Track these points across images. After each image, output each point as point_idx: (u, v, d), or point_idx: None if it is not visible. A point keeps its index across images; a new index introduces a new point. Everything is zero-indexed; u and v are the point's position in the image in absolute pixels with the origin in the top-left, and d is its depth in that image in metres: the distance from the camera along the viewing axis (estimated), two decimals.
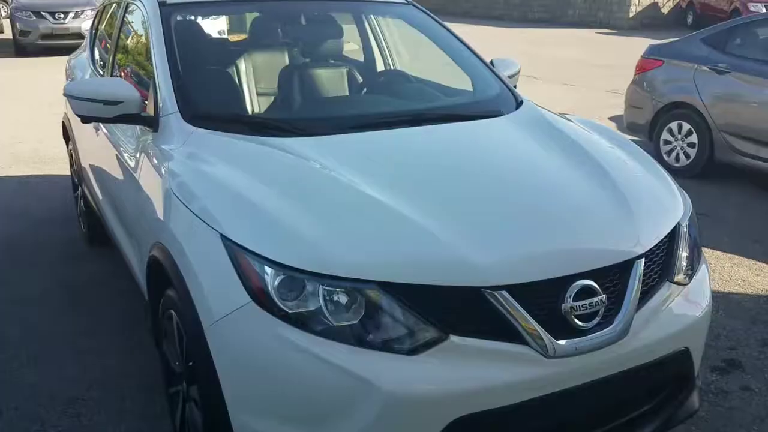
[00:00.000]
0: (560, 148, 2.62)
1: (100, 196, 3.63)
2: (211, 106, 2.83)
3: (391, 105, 3.13)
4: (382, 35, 3.75)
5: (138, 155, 2.77)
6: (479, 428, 1.92)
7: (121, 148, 3.04)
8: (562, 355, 1.94)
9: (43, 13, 14.18)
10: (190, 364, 2.22)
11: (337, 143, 2.55)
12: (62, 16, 14.28)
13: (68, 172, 5.06)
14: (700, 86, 6.10)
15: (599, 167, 2.48)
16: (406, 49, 3.80)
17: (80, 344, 3.36)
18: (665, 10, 23.26)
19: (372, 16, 3.72)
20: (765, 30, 6.17)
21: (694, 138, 6.17)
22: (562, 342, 1.95)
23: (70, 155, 4.71)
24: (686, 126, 6.23)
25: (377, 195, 2.15)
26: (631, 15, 23.06)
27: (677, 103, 6.30)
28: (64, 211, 5.13)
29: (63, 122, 4.68)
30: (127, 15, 3.51)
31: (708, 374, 3.17)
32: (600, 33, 21.26)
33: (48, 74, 10.71)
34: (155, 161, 2.59)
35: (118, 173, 3.06)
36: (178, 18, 3.01)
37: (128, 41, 3.47)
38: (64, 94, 2.71)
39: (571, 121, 3.01)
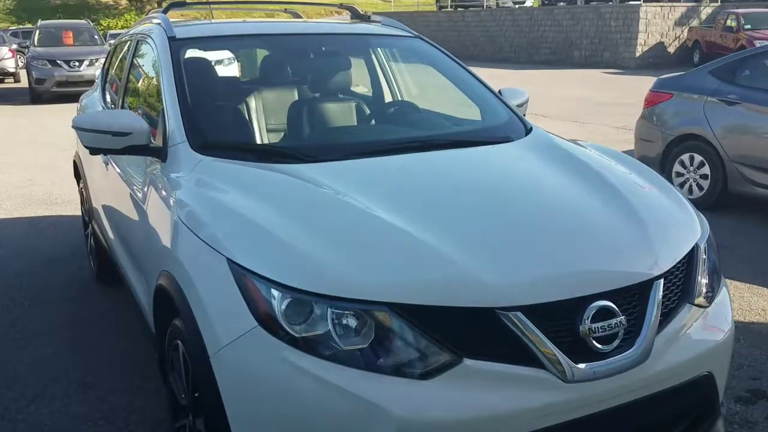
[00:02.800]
0: (573, 172, 2.58)
1: (110, 232, 3.62)
2: (220, 135, 2.83)
3: (400, 133, 3.12)
4: (390, 68, 3.77)
5: (146, 186, 2.76)
6: None
7: (130, 181, 3.04)
8: (581, 379, 1.87)
9: (58, 62, 14.54)
10: (196, 395, 2.16)
11: (346, 169, 2.53)
12: (77, 64, 14.63)
13: (79, 213, 5.07)
14: (710, 118, 6.08)
15: (614, 189, 2.44)
16: (414, 81, 3.81)
17: (87, 381, 3.31)
18: (671, 49, 23.47)
19: (380, 49, 3.74)
20: None
21: (706, 170, 6.12)
22: (582, 366, 1.88)
23: (81, 193, 4.73)
24: (698, 158, 6.19)
25: (386, 217, 2.12)
26: (637, 54, 23.29)
27: (688, 135, 6.27)
28: (74, 250, 5.13)
29: (74, 160, 4.71)
30: (137, 52, 3.55)
31: (732, 404, 3.06)
32: (607, 72, 21.45)
33: (63, 120, 10.87)
34: (162, 190, 2.58)
35: (127, 206, 3.05)
36: (188, 52, 3.03)
37: (138, 76, 3.51)
38: (73, 126, 2.71)
39: (584, 147, 2.97)
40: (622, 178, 2.58)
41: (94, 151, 2.76)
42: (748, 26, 18.40)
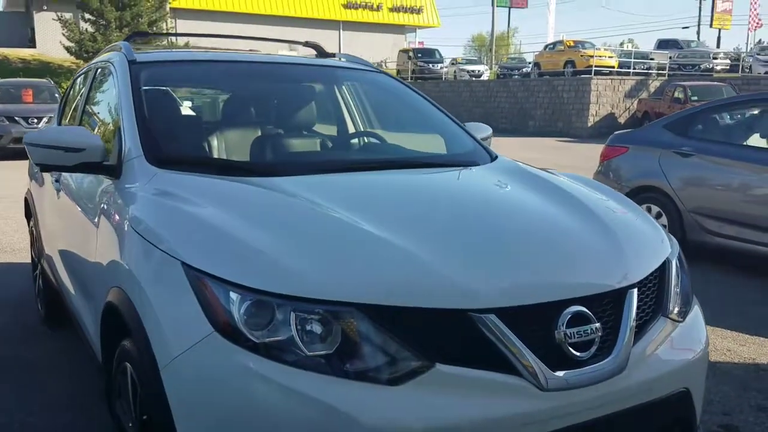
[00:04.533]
0: (543, 191, 2.56)
1: (59, 264, 3.45)
2: (178, 150, 2.74)
3: (367, 154, 3.08)
4: (355, 102, 3.75)
5: (98, 205, 2.63)
6: None
7: (83, 203, 2.91)
8: (557, 387, 1.78)
9: (16, 118, 14.38)
10: (144, 417, 1.99)
11: (312, 181, 2.46)
12: (35, 121, 14.49)
13: (29, 260, 4.87)
14: (666, 169, 6.22)
15: (585, 206, 2.41)
16: (379, 114, 3.79)
17: (28, 421, 3.08)
18: (622, 120, 24.35)
19: (344, 83, 3.73)
20: (722, 115, 6.40)
21: (664, 220, 6.21)
22: (558, 373, 1.79)
23: (31, 233, 4.56)
24: (655, 209, 6.28)
25: (354, 221, 2.03)
26: (589, 124, 24.09)
27: (644, 186, 6.38)
28: (23, 295, 4.89)
29: (25, 197, 4.54)
30: (96, 78, 3.47)
31: None
32: (560, 141, 22.06)
33: (20, 176, 10.57)
34: (115, 203, 2.46)
35: (78, 230, 2.91)
36: (147, 74, 2.96)
37: (96, 100, 3.42)
38: (24, 142, 2.59)
39: (553, 173, 2.97)
40: (592, 197, 2.57)
41: (44, 168, 2.63)
42: (695, 98, 19.22)
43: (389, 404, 1.67)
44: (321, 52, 3.85)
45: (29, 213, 4.50)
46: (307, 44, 3.97)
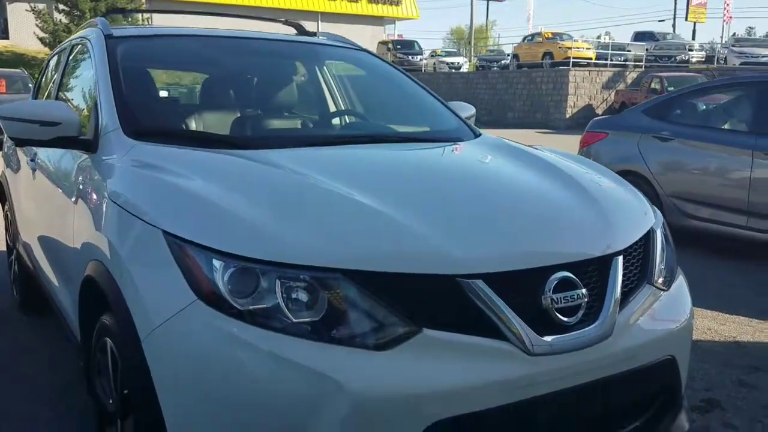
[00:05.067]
0: (528, 163, 2.55)
1: (35, 247, 3.37)
2: (155, 123, 2.69)
3: (350, 130, 3.04)
4: (337, 79, 3.71)
5: (75, 180, 2.57)
6: None
7: (58, 180, 2.85)
8: (544, 352, 1.77)
9: None
10: (125, 392, 1.95)
11: (296, 154, 2.41)
12: None
13: (3, 247, 4.77)
14: (645, 154, 6.26)
15: (570, 178, 2.40)
16: (362, 92, 3.76)
17: (7, 410, 3.00)
18: (599, 111, 24.54)
19: (326, 60, 3.69)
20: (699, 100, 6.45)
21: None
22: (544, 338, 1.78)
23: (6, 217, 4.45)
24: None
25: (341, 190, 2.00)
26: (567, 116, 24.27)
27: (624, 171, 6.36)
28: None
29: (0, 181, 4.44)
30: (72, 54, 3.40)
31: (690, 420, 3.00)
32: (539, 132, 22.18)
33: None
34: (91, 177, 2.40)
35: (54, 208, 2.84)
36: (124, 48, 2.90)
37: (73, 75, 3.34)
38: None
39: (537, 148, 2.96)
40: (577, 169, 2.56)
41: (19, 143, 2.56)
42: (672, 88, 19.39)
43: (376, 369, 1.64)
44: (301, 32, 3.80)
45: (3, 196, 4.40)
46: (287, 23, 3.92)
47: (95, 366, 2.25)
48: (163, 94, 3.85)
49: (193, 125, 2.93)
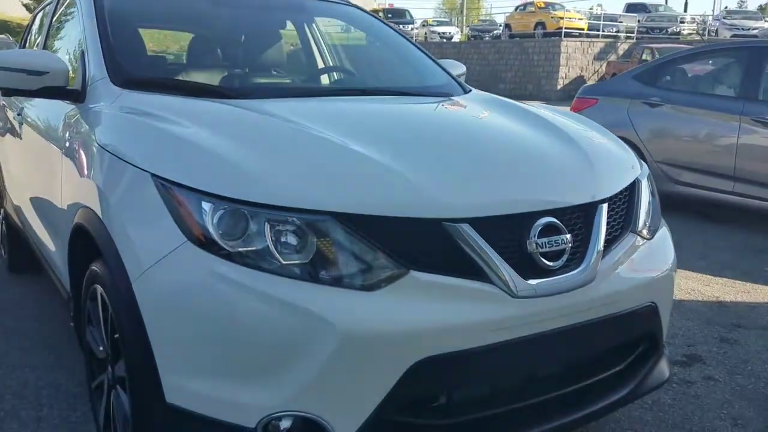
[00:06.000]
0: (516, 115, 2.56)
1: (24, 203, 3.37)
2: (143, 72, 2.67)
3: (340, 84, 3.04)
4: (323, 37, 3.69)
5: (63, 130, 2.57)
6: (444, 374, 1.74)
7: (46, 132, 2.84)
8: (528, 295, 1.80)
9: None
10: (116, 336, 1.97)
11: (283, 103, 2.41)
12: None
13: None
14: (634, 120, 6.27)
15: (557, 129, 2.42)
16: (352, 48, 3.74)
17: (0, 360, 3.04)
18: (591, 82, 24.47)
19: (313, 17, 3.66)
20: (690, 65, 6.47)
21: None
22: (529, 281, 1.81)
23: None
24: None
25: (329, 136, 2.01)
26: (558, 87, 24.21)
27: None
28: None
29: None
30: (58, 7, 3.35)
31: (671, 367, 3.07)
32: (531, 103, 22.09)
33: None
34: (79, 125, 2.39)
35: (42, 160, 2.84)
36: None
37: (59, 28, 3.31)
38: None
39: (525, 103, 2.98)
40: (565, 121, 2.57)
41: (6, 92, 2.54)
42: None
43: (364, 308, 1.67)
44: None
45: None
46: None
47: (85, 315, 2.27)
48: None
49: (181, 77, 2.92)
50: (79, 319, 2.38)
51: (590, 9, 45.54)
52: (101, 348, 2.18)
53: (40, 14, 3.89)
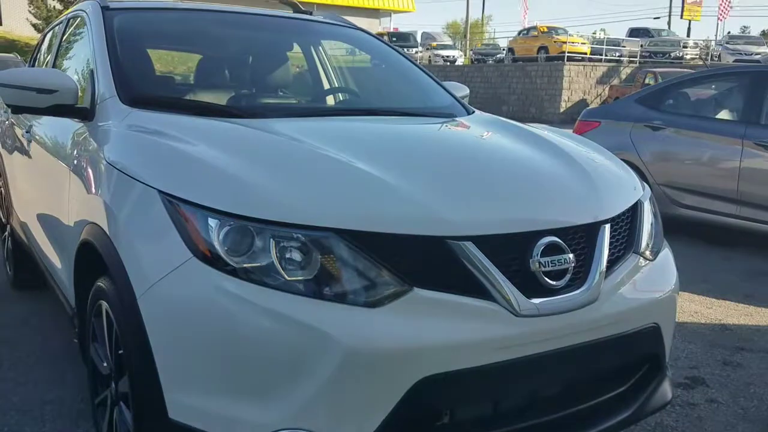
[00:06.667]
0: (520, 137, 2.59)
1: (30, 220, 3.39)
2: (151, 91, 2.71)
3: (346, 104, 3.07)
4: (329, 59, 3.73)
5: (71, 147, 2.60)
6: (447, 393, 1.75)
7: (54, 149, 2.87)
8: (530, 314, 1.81)
9: None
10: (120, 352, 1.98)
11: (289, 122, 2.44)
12: None
13: None
14: (636, 143, 6.30)
15: (560, 150, 2.44)
16: (357, 70, 3.78)
17: (4, 375, 3.04)
18: (593, 106, 24.58)
19: (320, 40, 3.71)
20: (692, 89, 6.51)
21: None
22: (532, 300, 1.82)
23: (0, 193, 4.46)
24: None
25: (335, 155, 2.04)
26: (561, 110, 24.31)
27: None
28: None
29: None
30: (68, 27, 3.41)
31: (674, 390, 3.06)
32: (534, 125, 22.16)
33: None
34: (87, 142, 2.43)
35: (50, 178, 2.87)
36: (121, 19, 2.92)
37: (69, 47, 3.35)
38: None
39: (529, 125, 3.01)
40: (567, 143, 2.60)
41: (16, 110, 2.58)
42: None
43: (367, 325, 1.68)
44: (297, 9, 3.82)
45: None
46: (283, 1, 3.94)
47: (90, 331, 2.29)
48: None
49: (188, 96, 2.95)
50: (83, 335, 2.40)
51: (593, 34, 45.91)
52: (105, 364, 2.19)
53: (50, 34, 3.95)
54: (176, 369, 1.78)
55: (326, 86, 3.65)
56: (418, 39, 34.83)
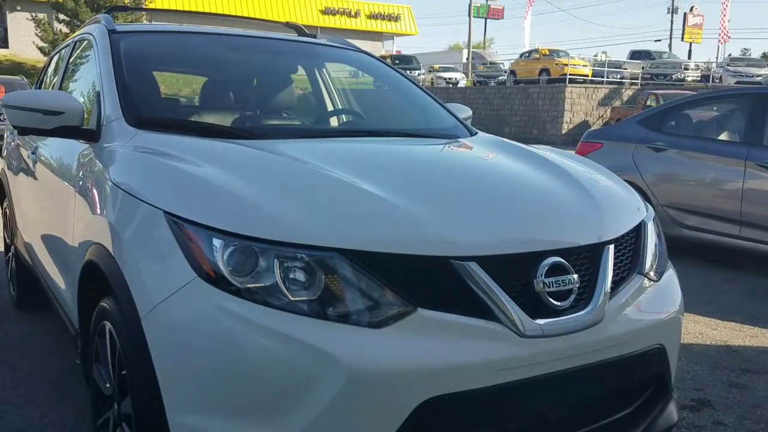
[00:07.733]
0: (523, 158, 2.60)
1: (35, 241, 3.40)
2: (157, 113, 2.73)
3: (350, 125, 3.09)
4: (333, 81, 3.76)
5: (76, 168, 2.61)
6: (451, 414, 1.74)
7: (59, 170, 2.88)
8: (535, 334, 1.81)
9: None
10: (123, 372, 1.97)
11: (293, 144, 2.46)
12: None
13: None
14: (639, 164, 6.31)
15: (564, 171, 2.45)
16: (361, 92, 3.81)
17: (6, 397, 3.02)
18: (595, 127, 24.64)
19: (324, 62, 3.74)
20: (694, 111, 6.53)
21: None
22: (536, 321, 1.82)
23: (4, 214, 4.48)
24: None
25: (339, 175, 2.04)
26: (563, 131, 24.38)
27: None
28: None
29: None
30: (75, 50, 3.44)
31: (680, 412, 3.04)
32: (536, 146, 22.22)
33: None
34: (93, 163, 2.44)
35: (55, 199, 2.88)
36: (127, 42, 2.95)
37: (75, 70, 3.39)
38: (2, 104, 2.56)
39: (532, 146, 3.02)
40: (571, 164, 2.61)
41: (22, 131, 2.60)
42: None
43: (371, 346, 1.67)
44: (302, 33, 3.86)
45: (2, 193, 4.43)
46: (288, 25, 3.98)
47: (93, 352, 2.28)
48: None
49: (194, 118, 2.98)
50: (86, 355, 2.39)
51: (595, 56, 46.20)
52: (108, 385, 2.18)
53: (56, 57, 3.99)
54: (179, 390, 1.77)
55: (330, 108, 3.67)
56: (421, 61, 35.05)
